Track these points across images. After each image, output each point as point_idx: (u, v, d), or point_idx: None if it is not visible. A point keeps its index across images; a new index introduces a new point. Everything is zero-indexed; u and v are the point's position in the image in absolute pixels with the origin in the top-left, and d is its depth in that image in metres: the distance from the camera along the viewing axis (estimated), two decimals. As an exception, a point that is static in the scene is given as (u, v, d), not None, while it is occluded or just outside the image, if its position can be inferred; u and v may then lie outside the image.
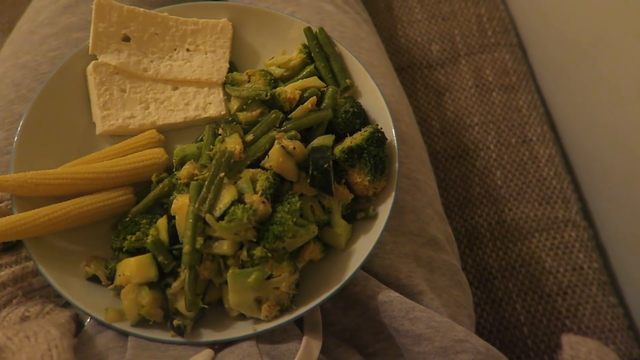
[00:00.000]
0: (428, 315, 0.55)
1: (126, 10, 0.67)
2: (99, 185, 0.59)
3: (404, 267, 0.63)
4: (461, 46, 1.13)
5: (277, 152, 0.55)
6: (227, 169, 0.54)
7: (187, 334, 0.53)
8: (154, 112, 0.66)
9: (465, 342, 0.53)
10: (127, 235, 0.56)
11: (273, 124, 0.60)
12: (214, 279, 0.54)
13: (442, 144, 1.05)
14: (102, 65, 0.65)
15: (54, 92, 0.64)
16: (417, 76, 1.12)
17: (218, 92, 0.69)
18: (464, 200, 0.98)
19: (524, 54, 1.14)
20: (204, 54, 0.70)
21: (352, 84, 0.66)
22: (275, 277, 0.53)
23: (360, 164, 0.58)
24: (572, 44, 0.99)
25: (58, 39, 0.73)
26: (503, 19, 1.15)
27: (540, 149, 1.01)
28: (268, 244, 0.51)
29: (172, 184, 0.59)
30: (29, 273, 0.58)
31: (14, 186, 0.55)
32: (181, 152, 0.61)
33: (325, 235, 0.58)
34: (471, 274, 0.92)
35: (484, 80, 1.09)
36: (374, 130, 0.59)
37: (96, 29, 0.66)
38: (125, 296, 0.53)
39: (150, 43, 0.69)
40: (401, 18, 1.19)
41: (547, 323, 0.86)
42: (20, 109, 0.67)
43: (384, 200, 0.59)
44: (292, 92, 0.63)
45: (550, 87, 1.09)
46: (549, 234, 0.93)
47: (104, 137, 0.65)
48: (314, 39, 0.68)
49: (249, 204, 0.51)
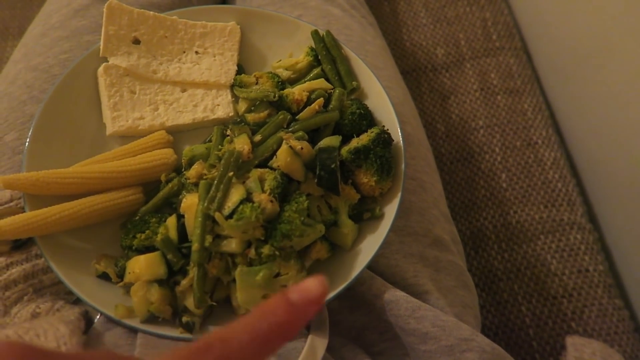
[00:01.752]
0: (434, 314, 0.55)
1: (136, 13, 0.69)
2: (109, 184, 0.59)
3: (409, 267, 0.63)
4: (466, 50, 1.14)
5: (285, 153, 0.56)
6: (235, 169, 0.55)
7: (195, 331, 0.54)
8: (163, 114, 0.67)
9: (471, 341, 0.53)
10: (137, 234, 0.57)
11: (281, 125, 0.61)
12: (222, 276, 0.55)
13: (448, 146, 1.05)
14: (112, 67, 0.66)
15: (65, 94, 0.65)
16: (422, 79, 1.13)
17: (226, 94, 0.69)
18: (469, 203, 0.99)
19: (529, 58, 1.14)
20: (213, 56, 0.71)
21: (359, 86, 0.67)
22: (282, 275, 0.53)
23: (366, 165, 0.59)
24: (576, 48, 0.99)
25: (69, 42, 0.74)
26: (508, 23, 1.16)
27: (545, 152, 1.01)
28: (276, 242, 0.52)
29: (181, 183, 0.60)
30: (39, 270, 0.59)
31: (26, 185, 0.56)
32: (190, 153, 0.62)
33: (332, 235, 0.59)
34: (476, 275, 0.92)
35: (488, 84, 1.09)
36: (381, 131, 0.60)
37: (107, 32, 0.67)
38: (134, 293, 0.54)
39: (159, 46, 0.70)
40: (406, 22, 1.19)
41: (552, 325, 0.86)
42: (32, 109, 0.68)
43: (390, 201, 0.60)
44: (300, 93, 0.63)
45: (555, 90, 1.09)
46: (555, 236, 0.93)
47: (114, 137, 0.66)
48: (321, 41, 0.68)
49: (257, 202, 0.52)
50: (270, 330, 0.27)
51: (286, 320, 0.27)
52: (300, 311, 0.28)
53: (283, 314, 0.27)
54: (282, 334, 0.27)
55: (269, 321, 0.27)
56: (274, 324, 0.27)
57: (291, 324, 0.27)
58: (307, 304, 0.28)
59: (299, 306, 0.28)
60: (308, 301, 0.28)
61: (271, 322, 0.27)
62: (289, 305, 0.27)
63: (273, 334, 0.27)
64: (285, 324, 0.27)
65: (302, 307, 0.28)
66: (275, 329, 0.27)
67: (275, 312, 0.27)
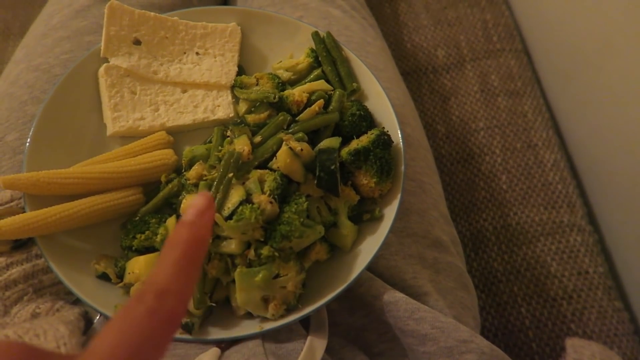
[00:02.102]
0: (433, 315, 0.55)
1: (137, 14, 0.69)
2: (109, 185, 0.60)
3: (409, 268, 0.63)
4: (467, 51, 1.14)
5: (285, 154, 0.56)
6: (235, 170, 0.55)
7: (194, 332, 0.54)
8: (163, 114, 0.67)
9: (470, 343, 0.53)
10: (137, 234, 0.57)
11: (281, 126, 0.61)
12: (221, 277, 0.55)
13: (448, 148, 1.05)
14: (113, 68, 0.66)
15: (66, 94, 0.65)
16: (422, 81, 1.13)
17: (226, 95, 0.70)
18: (470, 204, 0.99)
19: (529, 60, 1.14)
20: (213, 57, 0.71)
21: (359, 87, 0.67)
22: (282, 276, 0.53)
23: (366, 166, 0.59)
24: (577, 50, 1.00)
25: (70, 42, 0.74)
26: (508, 25, 1.16)
27: (545, 154, 1.01)
28: (275, 243, 0.52)
29: (181, 184, 0.60)
30: (39, 270, 0.59)
31: (27, 185, 0.56)
32: (190, 153, 0.62)
33: (332, 236, 0.59)
34: (476, 277, 0.92)
35: (489, 86, 1.10)
36: (380, 132, 0.60)
37: (108, 32, 0.67)
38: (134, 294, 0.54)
39: (160, 46, 0.70)
40: (407, 24, 1.20)
41: (552, 327, 0.86)
42: (33, 110, 0.69)
43: (389, 202, 0.60)
44: (300, 95, 0.63)
45: (556, 92, 1.09)
46: (555, 238, 0.93)
47: (115, 138, 0.66)
48: (321, 43, 0.68)
49: (257, 203, 0.52)
50: (188, 248, 0.30)
51: (193, 237, 0.30)
52: (200, 223, 0.31)
53: (187, 233, 0.30)
54: (198, 249, 0.30)
55: (180, 248, 0.30)
56: (186, 243, 0.30)
57: (199, 238, 0.31)
58: (200, 214, 0.32)
59: (194, 220, 0.31)
60: (200, 212, 0.32)
61: (182, 244, 0.30)
62: (186, 225, 0.31)
63: (191, 250, 0.30)
64: (194, 242, 0.30)
65: (198, 220, 0.31)
66: (190, 248, 0.30)
67: (180, 237, 0.30)
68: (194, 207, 0.32)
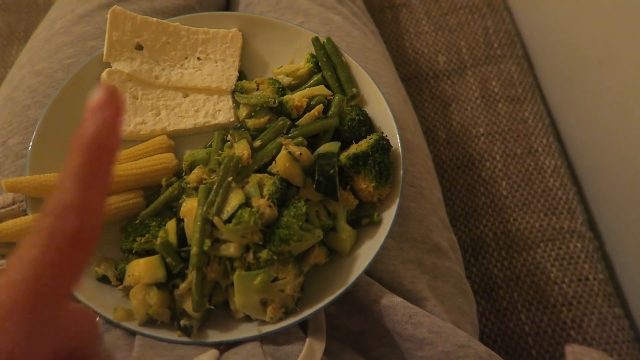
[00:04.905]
0: (431, 320, 0.56)
1: (140, 19, 0.70)
2: (110, 188, 0.60)
3: (407, 273, 0.64)
4: (467, 57, 1.14)
5: (284, 158, 0.57)
6: (235, 174, 0.55)
7: (193, 334, 0.54)
8: (164, 119, 0.68)
9: (468, 348, 0.53)
10: (137, 237, 0.57)
11: (280, 130, 0.61)
12: (220, 280, 0.55)
13: (448, 153, 1.05)
14: (115, 73, 0.67)
15: (69, 98, 0.65)
16: (423, 86, 1.13)
17: (227, 100, 0.70)
18: (470, 210, 0.99)
19: (530, 66, 1.15)
20: (214, 62, 0.72)
21: (359, 92, 0.67)
22: (280, 279, 0.54)
23: (365, 171, 0.59)
24: (577, 56, 1.00)
25: (73, 47, 0.75)
26: (509, 31, 1.17)
27: (546, 160, 1.01)
28: (274, 247, 0.52)
29: (181, 188, 0.60)
30: (40, 273, 0.59)
31: (29, 188, 0.57)
32: (190, 157, 0.62)
33: (330, 240, 0.59)
34: (476, 283, 0.92)
35: (490, 92, 1.10)
36: (379, 137, 0.60)
37: (110, 38, 0.68)
38: (134, 296, 0.54)
39: (162, 51, 0.71)
40: (408, 30, 1.20)
41: (552, 333, 0.86)
42: (35, 114, 0.69)
43: (388, 207, 0.60)
44: (300, 100, 0.64)
45: (556, 98, 1.10)
46: (555, 244, 0.93)
47: (116, 142, 0.66)
48: (322, 48, 0.69)
49: (256, 207, 0.53)
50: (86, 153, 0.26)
51: (92, 139, 0.26)
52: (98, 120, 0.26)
53: (84, 135, 0.26)
54: (98, 151, 0.26)
55: (78, 154, 0.26)
56: (84, 146, 0.26)
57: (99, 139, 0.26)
58: (94, 112, 0.26)
59: (91, 118, 0.26)
60: (94, 109, 0.26)
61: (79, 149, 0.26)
62: (92, 110, 0.26)
63: (90, 154, 0.26)
64: (92, 143, 0.26)
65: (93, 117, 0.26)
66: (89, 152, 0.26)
67: (77, 141, 0.26)
68: (89, 104, 0.26)
